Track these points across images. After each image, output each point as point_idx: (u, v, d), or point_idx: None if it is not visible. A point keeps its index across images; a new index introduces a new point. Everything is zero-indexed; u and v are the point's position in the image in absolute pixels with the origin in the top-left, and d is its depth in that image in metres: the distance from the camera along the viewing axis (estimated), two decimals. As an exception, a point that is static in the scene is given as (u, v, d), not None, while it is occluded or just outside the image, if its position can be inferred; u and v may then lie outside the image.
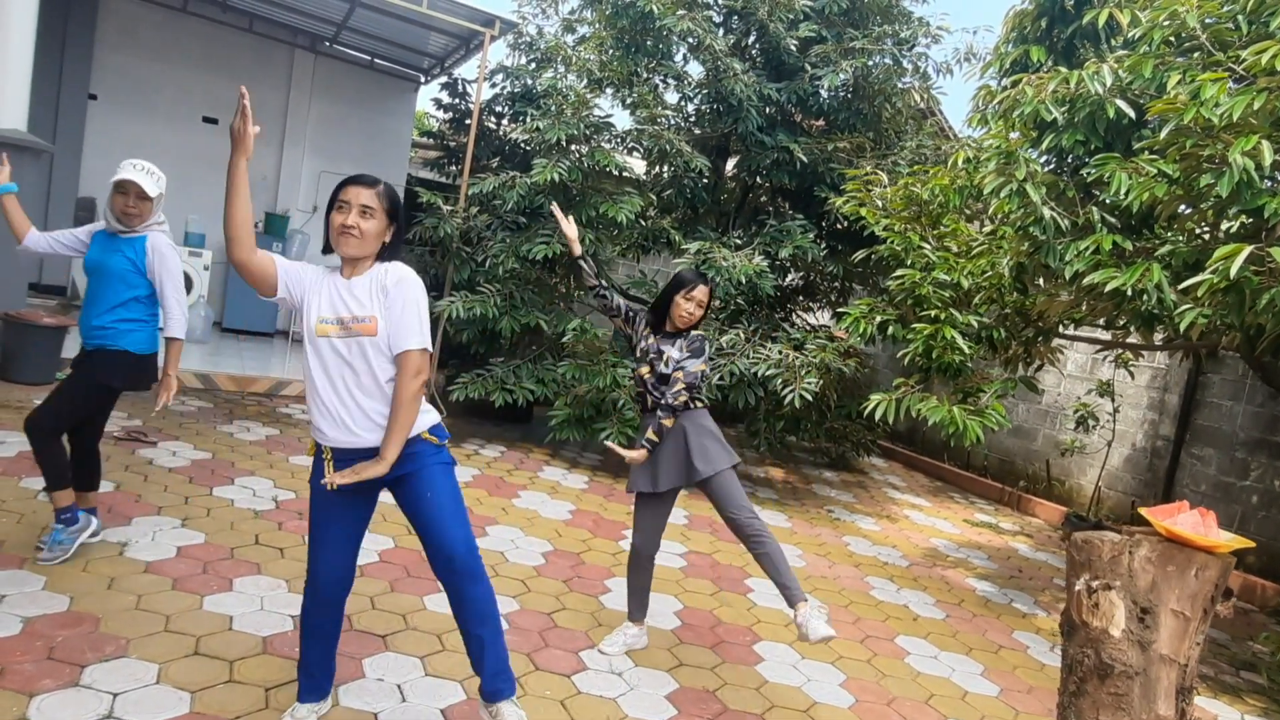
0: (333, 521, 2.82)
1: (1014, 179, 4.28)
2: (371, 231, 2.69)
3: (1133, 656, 2.10)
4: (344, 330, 2.68)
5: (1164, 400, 8.36)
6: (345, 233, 2.67)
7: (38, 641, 3.20)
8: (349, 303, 2.70)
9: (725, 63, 7.57)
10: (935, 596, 5.67)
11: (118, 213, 3.87)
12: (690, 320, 3.87)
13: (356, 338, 2.68)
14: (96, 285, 3.92)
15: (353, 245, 2.68)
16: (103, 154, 10.21)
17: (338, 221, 2.69)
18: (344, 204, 2.69)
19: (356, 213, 2.67)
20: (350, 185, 2.72)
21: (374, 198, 2.70)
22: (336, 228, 2.69)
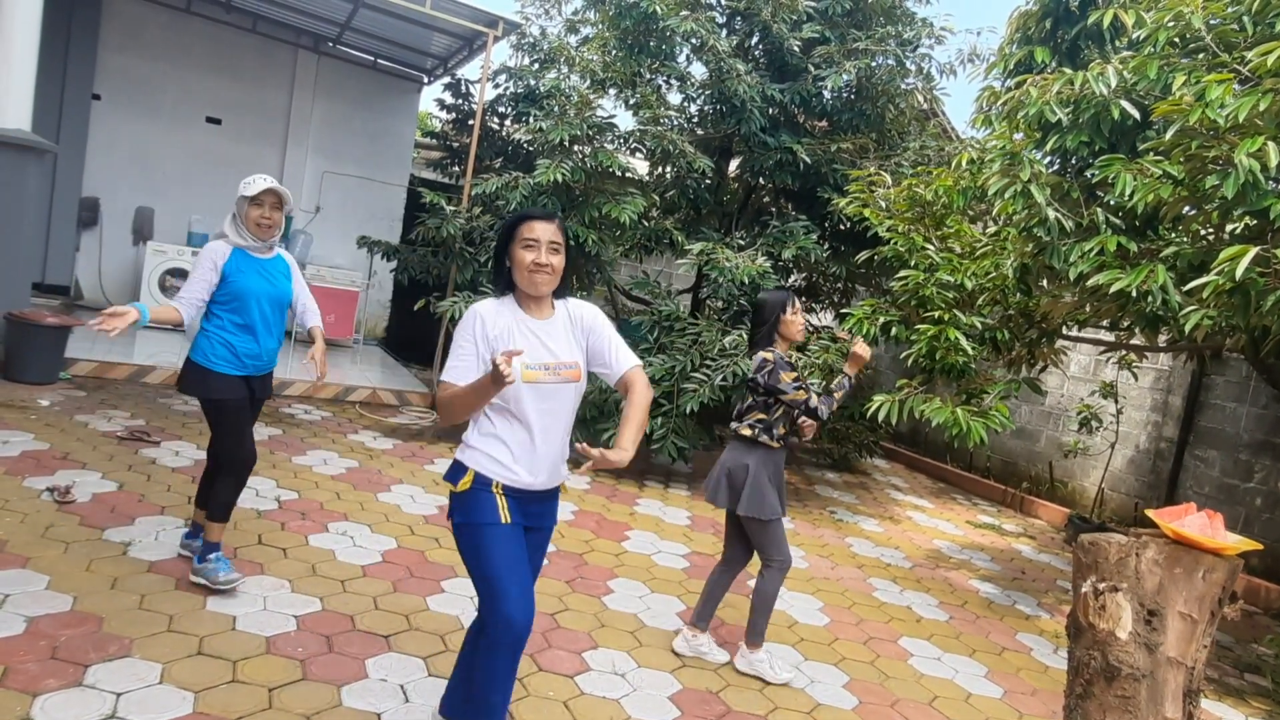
0: (517, 559, 2.65)
1: (1019, 180, 4.27)
2: (560, 267, 2.69)
3: (1140, 659, 2.09)
4: (554, 376, 2.67)
5: (1167, 402, 8.35)
6: (538, 270, 2.64)
7: (41, 641, 3.20)
8: (552, 348, 2.69)
9: (729, 63, 7.57)
10: (938, 598, 5.66)
11: (252, 224, 3.83)
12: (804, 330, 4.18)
13: (567, 383, 2.70)
14: (271, 311, 3.92)
15: (546, 283, 2.67)
16: (106, 154, 10.23)
17: (528, 259, 2.64)
18: (532, 242, 2.65)
19: (547, 250, 2.65)
20: (534, 222, 2.68)
21: (558, 232, 2.69)
22: (527, 265, 2.64)
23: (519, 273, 2.67)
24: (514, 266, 2.69)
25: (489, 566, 2.62)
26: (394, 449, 7.00)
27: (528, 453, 2.67)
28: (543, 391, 2.66)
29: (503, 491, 2.66)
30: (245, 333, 3.86)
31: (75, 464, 5.22)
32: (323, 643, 3.58)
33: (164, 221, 10.46)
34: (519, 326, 2.69)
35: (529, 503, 2.72)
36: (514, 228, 2.69)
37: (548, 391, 2.67)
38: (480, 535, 2.64)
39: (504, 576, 2.60)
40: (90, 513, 4.50)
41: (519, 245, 2.66)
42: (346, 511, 5.24)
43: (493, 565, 2.61)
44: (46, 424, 5.90)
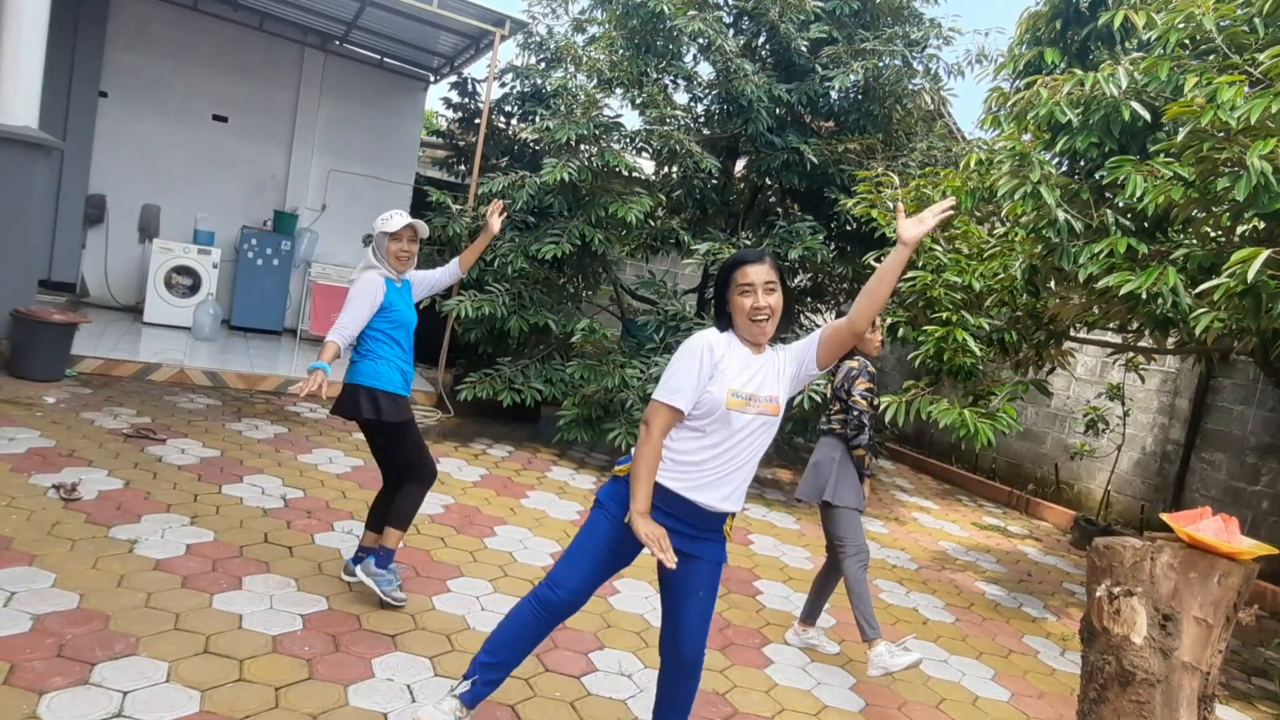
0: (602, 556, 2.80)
1: (1028, 181, 4.25)
2: (779, 307, 2.69)
3: (1154, 664, 2.07)
4: (754, 407, 2.67)
5: (1174, 404, 8.32)
6: (758, 315, 2.64)
7: (48, 639, 3.20)
8: (763, 381, 2.70)
9: (736, 63, 7.55)
10: (944, 600, 5.64)
11: (392, 257, 3.97)
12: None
13: (763, 416, 2.69)
14: (411, 338, 4.11)
15: (768, 327, 2.68)
16: (112, 151, 10.23)
17: (748, 305, 2.65)
18: (748, 287, 2.65)
19: (763, 292, 2.65)
20: (747, 266, 2.67)
21: (773, 271, 2.68)
22: (748, 312, 2.65)
23: (737, 318, 2.69)
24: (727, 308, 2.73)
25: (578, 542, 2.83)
26: (399, 448, 6.99)
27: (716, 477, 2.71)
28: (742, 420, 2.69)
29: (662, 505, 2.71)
30: (408, 356, 4.08)
31: (81, 461, 5.22)
32: (329, 642, 3.57)
33: (170, 219, 10.46)
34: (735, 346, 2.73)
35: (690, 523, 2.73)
36: (728, 272, 2.72)
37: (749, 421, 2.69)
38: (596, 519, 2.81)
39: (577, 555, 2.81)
40: (96, 510, 4.50)
41: (735, 291, 2.69)
42: (352, 510, 5.24)
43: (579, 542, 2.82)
44: (52, 421, 5.90)
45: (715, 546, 2.80)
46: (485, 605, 4.24)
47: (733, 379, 2.65)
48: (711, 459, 2.68)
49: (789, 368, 2.76)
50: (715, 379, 2.64)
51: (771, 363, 2.74)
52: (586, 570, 2.80)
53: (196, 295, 9.87)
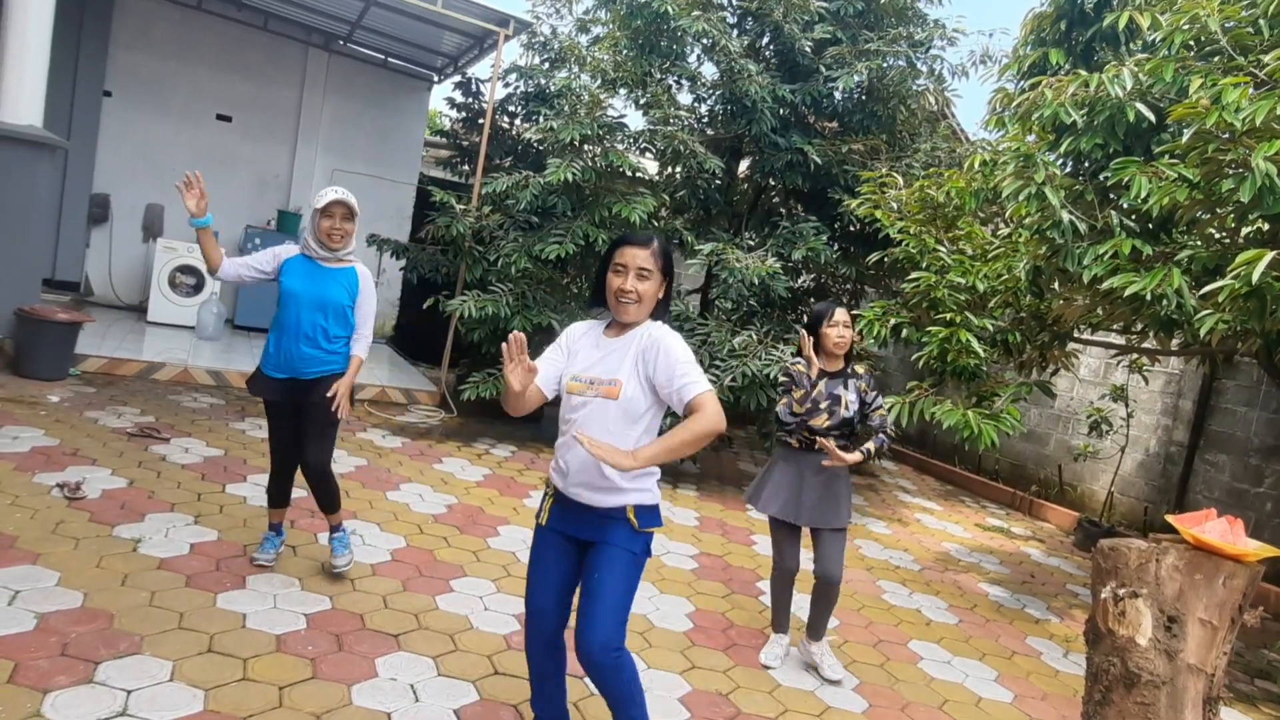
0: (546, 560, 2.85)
1: (1033, 182, 4.25)
2: (649, 293, 2.69)
3: (1160, 666, 2.07)
4: (592, 390, 2.67)
5: (1178, 406, 8.31)
6: (623, 297, 2.66)
7: (52, 638, 3.20)
8: (608, 363, 2.70)
9: (740, 64, 7.55)
10: (948, 601, 5.64)
11: (323, 235, 3.93)
12: (845, 344, 4.04)
13: (602, 399, 2.67)
14: (314, 315, 3.97)
15: (632, 311, 2.69)
16: (116, 150, 10.25)
17: (615, 285, 2.68)
18: (620, 267, 2.67)
19: (634, 276, 2.66)
20: (626, 247, 2.70)
21: (650, 258, 2.68)
22: (614, 291, 2.68)
23: (608, 296, 2.72)
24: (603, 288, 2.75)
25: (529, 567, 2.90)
26: (402, 447, 7.00)
27: (567, 460, 2.75)
28: (578, 403, 2.70)
29: (552, 494, 2.86)
30: (280, 334, 3.98)
31: (85, 460, 5.22)
32: (333, 641, 3.57)
33: (174, 218, 10.47)
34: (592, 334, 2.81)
35: (569, 510, 2.80)
36: (610, 251, 2.73)
37: (584, 404, 2.69)
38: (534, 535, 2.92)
39: (530, 572, 2.88)
40: (100, 509, 4.50)
41: (611, 270, 2.71)
42: (355, 510, 5.24)
43: (530, 565, 2.90)
44: (56, 420, 5.91)
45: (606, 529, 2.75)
46: (488, 605, 4.24)
47: (578, 365, 2.74)
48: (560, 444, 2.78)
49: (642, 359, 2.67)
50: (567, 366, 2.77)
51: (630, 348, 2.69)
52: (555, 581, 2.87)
53: (200, 294, 9.89)
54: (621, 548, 2.74)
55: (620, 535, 2.75)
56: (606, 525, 2.75)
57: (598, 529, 2.76)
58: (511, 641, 3.88)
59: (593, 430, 2.63)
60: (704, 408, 2.54)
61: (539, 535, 2.87)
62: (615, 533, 2.75)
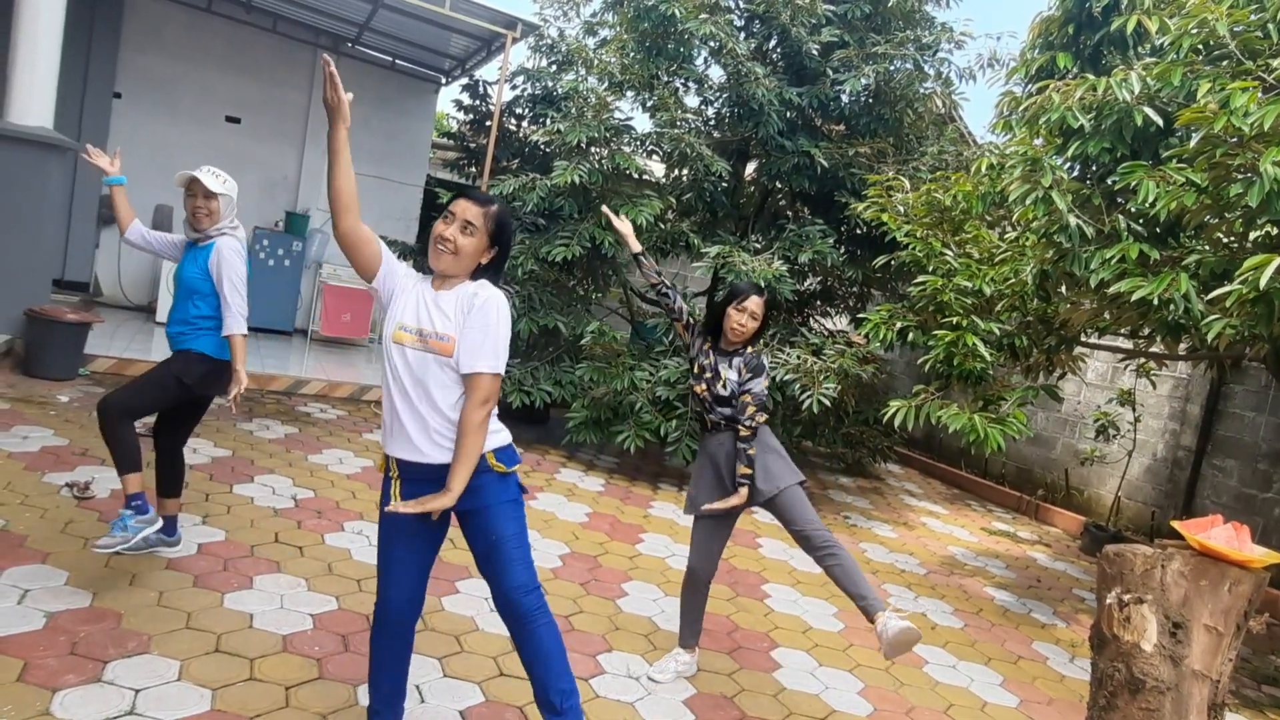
0: (398, 545, 2.72)
1: (1040, 186, 4.24)
2: (468, 250, 2.57)
3: (1165, 672, 2.07)
4: (421, 342, 2.56)
5: (1185, 410, 8.29)
6: (440, 243, 2.56)
7: (61, 637, 3.22)
8: (433, 316, 2.56)
9: (747, 66, 7.56)
10: (953, 605, 5.63)
11: (188, 214, 3.97)
12: (743, 334, 3.73)
13: (432, 354, 2.56)
14: (176, 293, 4.03)
15: (445, 260, 2.57)
16: (126, 152, 10.14)
17: (436, 230, 2.59)
18: (449, 215, 2.60)
19: (458, 226, 2.57)
20: (460, 198, 2.61)
21: (480, 216, 2.58)
22: (434, 237, 2.58)
23: (430, 243, 2.62)
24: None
25: (379, 552, 2.76)
26: (409, 449, 7.01)
27: (399, 419, 2.60)
28: (407, 356, 2.57)
29: (397, 474, 2.67)
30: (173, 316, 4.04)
31: (94, 460, 5.25)
32: (339, 642, 3.59)
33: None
34: (419, 285, 2.65)
35: (423, 482, 2.61)
36: (446, 203, 2.65)
37: (412, 358, 2.57)
38: (381, 522, 2.75)
39: (382, 562, 2.75)
40: (109, 509, 4.53)
41: (441, 218, 2.62)
42: (362, 511, 5.26)
43: (380, 549, 2.75)
44: (66, 420, 5.94)
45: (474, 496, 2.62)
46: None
47: (404, 311, 2.59)
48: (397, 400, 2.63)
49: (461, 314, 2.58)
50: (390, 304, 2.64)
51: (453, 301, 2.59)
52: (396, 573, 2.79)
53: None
54: (502, 503, 2.66)
55: (494, 492, 2.65)
56: (473, 486, 2.58)
57: (466, 494, 2.56)
58: (517, 643, 3.89)
59: (426, 389, 2.56)
60: (474, 393, 2.51)
61: (389, 522, 2.69)
62: (487, 492, 2.64)
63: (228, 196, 3.98)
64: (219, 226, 3.99)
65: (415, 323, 2.57)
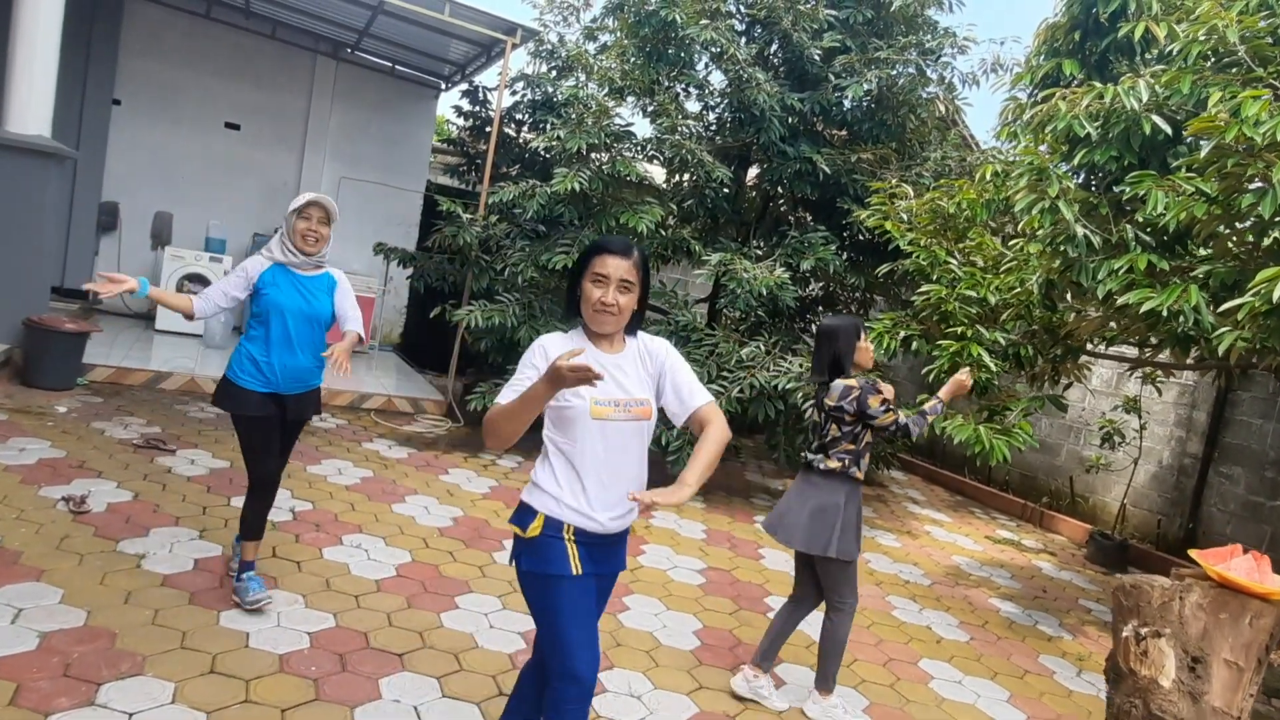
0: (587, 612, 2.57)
1: (1046, 196, 4.18)
2: (629, 306, 2.52)
3: (1183, 708, 2.01)
4: (625, 412, 2.50)
5: (1191, 417, 8.23)
6: (604, 310, 2.48)
7: (54, 658, 3.17)
8: (624, 383, 2.53)
9: (748, 72, 7.50)
10: (958, 617, 5.57)
11: (298, 236, 3.80)
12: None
13: (636, 421, 2.52)
14: (300, 328, 3.84)
15: (610, 323, 2.51)
16: (126, 159, 10.26)
17: (595, 296, 2.47)
18: (601, 278, 2.47)
19: (616, 288, 2.47)
20: (607, 256, 2.49)
21: (632, 270, 2.50)
22: (594, 303, 2.48)
23: (584, 306, 2.52)
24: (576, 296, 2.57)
25: (558, 621, 2.52)
26: (409, 458, 6.96)
27: (605, 491, 2.51)
28: (612, 428, 2.49)
29: (574, 538, 2.51)
30: (270, 347, 3.81)
31: (91, 472, 5.20)
32: (336, 661, 3.53)
33: (182, 226, 10.48)
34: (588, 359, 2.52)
35: (599, 547, 2.58)
36: (586, 258, 2.53)
37: (620, 429, 2.50)
38: (551, 588, 2.52)
39: (572, 632, 2.51)
40: (105, 523, 4.48)
41: (589, 279, 2.50)
42: (361, 524, 5.20)
43: (561, 620, 2.51)
44: (63, 431, 5.89)
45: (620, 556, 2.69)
46: (494, 623, 4.20)
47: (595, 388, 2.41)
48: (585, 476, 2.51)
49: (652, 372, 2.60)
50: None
51: (634, 360, 2.58)
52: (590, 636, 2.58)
53: (208, 302, 9.86)
54: (616, 574, 2.72)
55: (623, 560, 2.71)
56: (622, 548, 2.67)
57: (620, 555, 2.66)
58: (516, 661, 3.83)
59: (627, 457, 2.52)
60: (716, 417, 2.56)
61: (573, 587, 2.53)
62: (621, 559, 2.70)
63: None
64: (325, 253, 3.92)
65: (608, 394, 2.48)
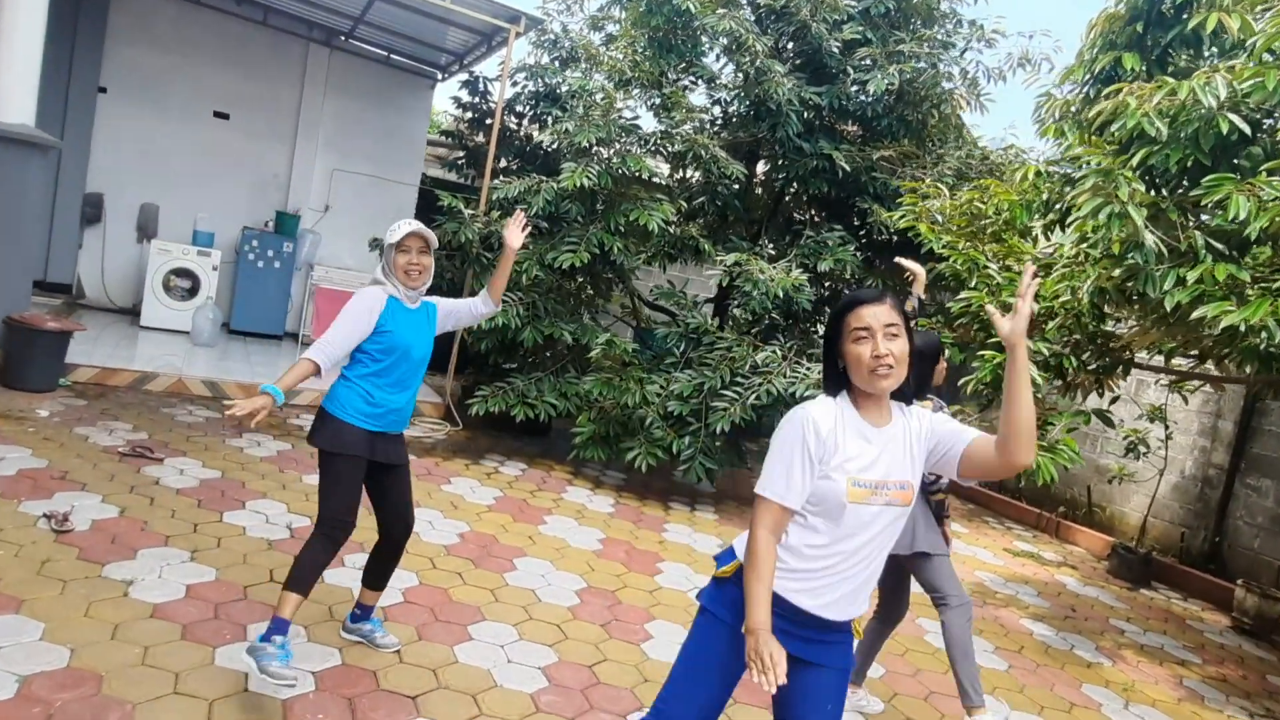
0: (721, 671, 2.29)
1: (1116, 200, 3.87)
2: (903, 355, 2.15)
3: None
4: (882, 497, 2.17)
5: (1217, 426, 7.99)
6: (880, 364, 2.11)
7: (35, 707, 2.83)
8: (888, 462, 2.18)
9: (766, 64, 7.17)
10: (993, 641, 5.30)
11: (400, 272, 3.41)
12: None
13: (895, 507, 2.19)
14: (410, 368, 3.51)
15: (890, 379, 2.13)
16: (112, 148, 9.86)
17: (867, 354, 2.12)
18: (863, 333, 2.13)
19: (883, 337, 2.12)
20: (861, 308, 2.16)
21: (893, 313, 2.15)
22: (866, 363, 2.12)
23: (854, 368, 2.17)
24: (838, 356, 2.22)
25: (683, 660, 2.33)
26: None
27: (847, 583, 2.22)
28: (868, 514, 2.17)
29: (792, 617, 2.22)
30: (381, 385, 3.44)
31: (74, 484, 4.86)
32: (344, 707, 3.21)
33: (169, 219, 10.09)
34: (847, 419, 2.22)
35: (804, 626, 2.23)
36: (839, 318, 2.21)
37: (876, 515, 2.17)
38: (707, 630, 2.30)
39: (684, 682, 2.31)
40: (90, 544, 4.14)
41: (849, 339, 2.17)
42: (362, 543, 4.85)
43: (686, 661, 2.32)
44: (45, 438, 5.54)
45: (839, 650, 2.30)
46: (511, 656, 3.89)
47: (852, 462, 2.15)
48: (824, 559, 2.20)
49: (922, 444, 2.23)
50: (830, 462, 2.15)
51: (900, 435, 2.23)
52: (705, 698, 2.30)
53: (195, 298, 9.51)
54: (845, 670, 2.32)
55: (846, 655, 2.31)
56: (833, 643, 2.27)
57: (823, 649, 2.25)
58: (539, 702, 3.52)
59: (881, 551, 2.22)
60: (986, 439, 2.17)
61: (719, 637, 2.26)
62: (841, 653, 2.30)
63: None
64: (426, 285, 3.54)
65: (869, 475, 2.16)
